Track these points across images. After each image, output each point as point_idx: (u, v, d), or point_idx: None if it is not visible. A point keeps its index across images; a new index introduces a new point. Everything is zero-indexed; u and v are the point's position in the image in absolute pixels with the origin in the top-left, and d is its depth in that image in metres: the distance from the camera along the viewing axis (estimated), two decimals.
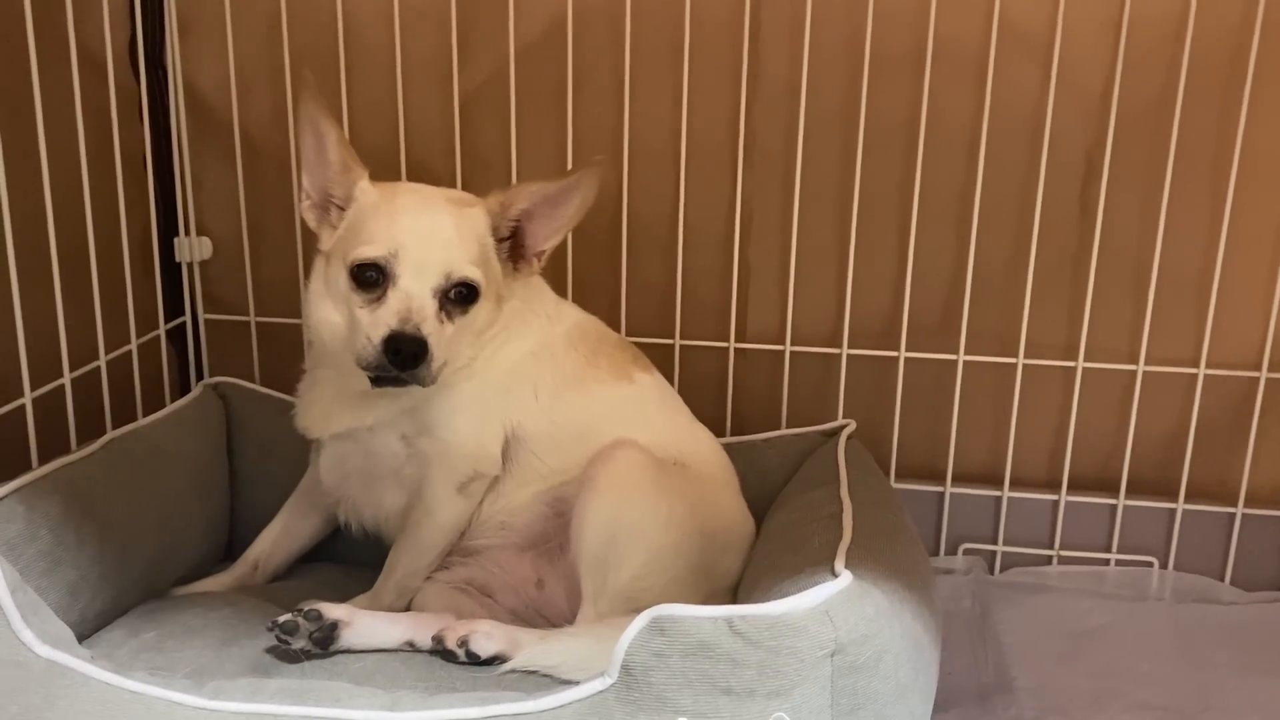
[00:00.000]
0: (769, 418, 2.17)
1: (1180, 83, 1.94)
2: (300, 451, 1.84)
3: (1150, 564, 2.15)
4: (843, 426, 1.93)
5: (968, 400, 2.13)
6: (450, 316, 1.60)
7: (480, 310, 1.64)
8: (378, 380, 1.58)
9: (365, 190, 1.66)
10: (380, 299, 1.57)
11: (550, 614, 1.68)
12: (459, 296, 1.61)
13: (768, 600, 1.24)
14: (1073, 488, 2.15)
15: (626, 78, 2.07)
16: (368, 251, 1.58)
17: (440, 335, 1.57)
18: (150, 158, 2.16)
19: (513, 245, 1.70)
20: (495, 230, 1.67)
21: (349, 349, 1.60)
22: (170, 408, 1.92)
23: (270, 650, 1.51)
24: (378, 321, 1.55)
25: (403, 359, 1.53)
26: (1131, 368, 2.10)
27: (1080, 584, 2.13)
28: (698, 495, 1.66)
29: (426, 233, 1.60)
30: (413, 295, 1.56)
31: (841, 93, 2.05)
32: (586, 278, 2.13)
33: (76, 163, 1.88)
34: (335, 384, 1.71)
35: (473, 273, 1.61)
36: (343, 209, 1.68)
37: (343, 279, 1.61)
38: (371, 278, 1.58)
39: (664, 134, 2.10)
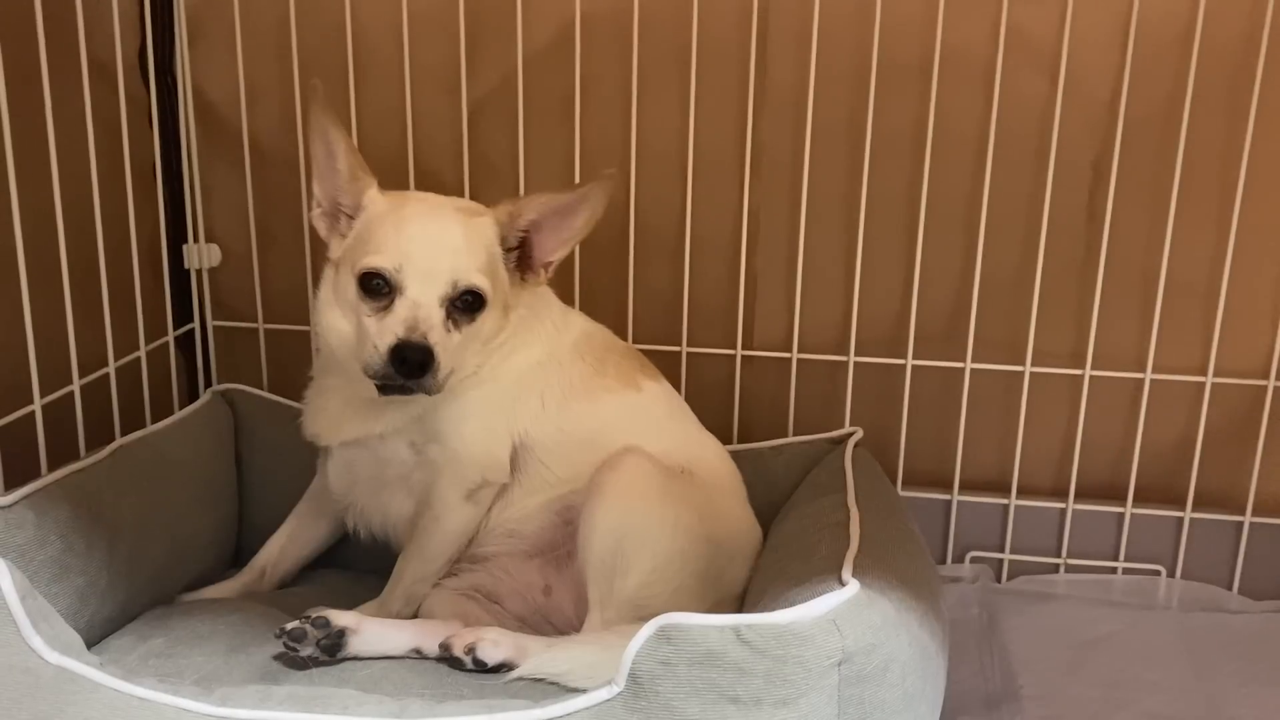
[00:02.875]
0: (776, 425, 2.17)
1: (1188, 91, 1.94)
2: (308, 458, 1.84)
3: (1158, 573, 2.15)
4: (850, 434, 1.93)
5: (975, 408, 2.13)
6: (457, 325, 1.60)
7: (487, 319, 1.64)
8: (384, 388, 1.58)
9: (374, 199, 1.66)
10: (387, 308, 1.57)
11: (557, 621, 1.68)
12: (466, 305, 1.61)
13: (775, 609, 1.24)
14: (1080, 496, 2.15)
15: (634, 86, 2.07)
16: (375, 260, 1.58)
17: (447, 344, 1.57)
18: (160, 165, 2.16)
19: (520, 255, 1.70)
20: (503, 240, 1.67)
21: (356, 357, 1.60)
22: (179, 414, 1.93)
23: (278, 657, 1.51)
24: (385, 330, 1.55)
25: (409, 368, 1.53)
26: (1139, 376, 2.10)
27: (1087, 592, 2.12)
28: (705, 503, 1.67)
29: (434, 241, 1.60)
30: (420, 304, 1.56)
31: (849, 101, 2.05)
32: (594, 285, 2.14)
33: (86, 170, 1.89)
34: (343, 391, 1.71)
35: (480, 281, 1.61)
36: (352, 217, 1.68)
37: (351, 287, 1.61)
38: (379, 286, 1.58)
39: (671, 142, 2.11)
